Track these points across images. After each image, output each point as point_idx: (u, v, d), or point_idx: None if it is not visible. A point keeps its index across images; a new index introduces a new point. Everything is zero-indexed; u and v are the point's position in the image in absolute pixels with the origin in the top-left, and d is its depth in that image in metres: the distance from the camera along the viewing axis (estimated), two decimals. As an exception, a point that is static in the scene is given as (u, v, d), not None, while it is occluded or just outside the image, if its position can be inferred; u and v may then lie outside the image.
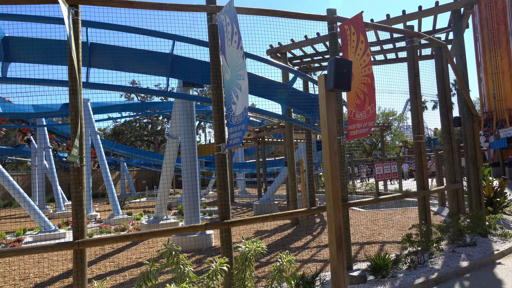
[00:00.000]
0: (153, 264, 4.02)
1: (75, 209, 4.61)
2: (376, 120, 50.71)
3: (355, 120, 5.84)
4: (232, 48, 4.95)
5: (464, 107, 8.96)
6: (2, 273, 7.65)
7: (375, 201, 7.01)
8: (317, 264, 6.97)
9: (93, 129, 17.10)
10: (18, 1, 4.84)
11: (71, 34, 4.47)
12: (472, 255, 6.75)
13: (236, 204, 20.74)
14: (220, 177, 5.26)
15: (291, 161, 11.85)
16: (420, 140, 7.38)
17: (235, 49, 4.87)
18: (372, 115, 5.56)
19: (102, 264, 8.05)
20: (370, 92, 5.54)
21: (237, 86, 4.93)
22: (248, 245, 4.38)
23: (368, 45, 5.60)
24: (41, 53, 7.37)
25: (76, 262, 4.53)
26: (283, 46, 10.98)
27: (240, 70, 4.83)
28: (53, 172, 19.62)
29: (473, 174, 8.74)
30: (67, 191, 31.79)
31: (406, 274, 5.85)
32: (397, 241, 8.35)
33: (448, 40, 10.59)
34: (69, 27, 4.46)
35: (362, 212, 13.77)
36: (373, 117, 5.54)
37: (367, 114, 5.63)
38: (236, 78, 4.94)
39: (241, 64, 4.82)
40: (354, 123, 5.87)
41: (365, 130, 5.64)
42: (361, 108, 5.73)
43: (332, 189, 4.20)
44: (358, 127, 5.81)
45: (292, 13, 6.04)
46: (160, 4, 5.26)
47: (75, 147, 4.45)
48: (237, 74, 4.90)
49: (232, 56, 4.98)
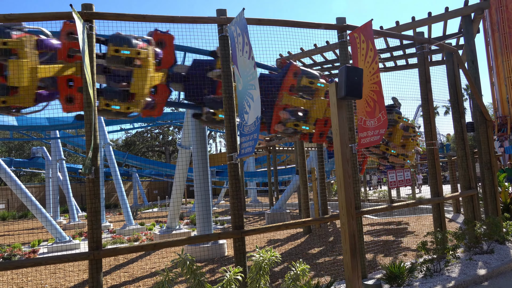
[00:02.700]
0: (168, 274, 4.04)
1: (90, 219, 4.66)
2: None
3: (366, 128, 5.82)
4: (243, 58, 5.01)
5: (477, 112, 8.87)
6: (18, 284, 7.75)
7: (388, 209, 6.94)
8: (331, 273, 6.91)
9: (105, 140, 17.32)
10: (34, 18, 4.98)
11: (85, 48, 4.58)
12: (490, 263, 6.62)
13: (248, 213, 20.70)
14: (232, 186, 5.28)
15: (302, 169, 11.82)
16: (433, 147, 7.31)
17: (247, 59, 4.93)
18: (383, 122, 5.54)
19: (116, 275, 8.09)
20: (380, 100, 5.53)
21: (249, 96, 4.98)
22: (262, 254, 4.37)
23: (376, 52, 5.62)
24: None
25: (91, 273, 4.58)
26: (293, 55, 11.03)
27: (252, 80, 4.88)
28: (66, 184, 19.90)
29: (488, 180, 8.61)
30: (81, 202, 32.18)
31: (422, 283, 5.76)
32: (412, 249, 8.23)
33: (459, 45, 10.53)
34: (83, 41, 4.56)
35: (375, 219, 13.62)
36: (384, 124, 5.52)
37: (378, 122, 5.61)
38: (249, 88, 4.99)
39: (252, 74, 4.87)
40: (365, 130, 5.85)
41: (377, 137, 5.61)
42: (371, 116, 5.72)
43: (345, 197, 4.19)
44: (369, 135, 5.78)
45: (303, 23, 6.09)
46: (172, 17, 5.37)
47: (90, 158, 4.53)
48: (249, 84, 4.96)
49: (244, 66, 5.04)
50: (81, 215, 23.10)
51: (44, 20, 5.08)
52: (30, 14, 4.88)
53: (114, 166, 16.58)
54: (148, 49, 5.77)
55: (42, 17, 4.94)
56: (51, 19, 4.98)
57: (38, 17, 4.95)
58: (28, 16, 4.89)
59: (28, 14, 4.87)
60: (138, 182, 34.29)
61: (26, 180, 42.91)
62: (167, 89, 6.35)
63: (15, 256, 10.53)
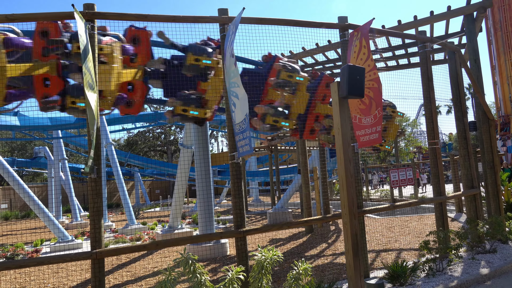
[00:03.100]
0: (170, 273, 4.04)
1: (92, 219, 4.67)
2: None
3: (363, 126, 5.82)
4: (228, 56, 4.98)
5: (479, 111, 8.84)
6: (21, 283, 7.77)
7: (391, 208, 6.93)
8: (333, 272, 6.90)
9: (107, 140, 17.35)
10: (35, 18, 4.99)
11: (88, 48, 4.58)
12: (493, 262, 6.60)
13: (250, 213, 20.70)
14: (234, 185, 5.28)
15: (304, 169, 11.81)
16: (436, 146, 7.30)
17: (230, 57, 4.90)
18: (379, 119, 5.56)
19: (118, 274, 8.11)
20: (377, 96, 5.53)
21: (233, 94, 4.94)
22: (264, 253, 4.37)
23: (370, 50, 5.60)
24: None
25: (94, 272, 4.59)
26: (294, 54, 11.01)
27: (234, 78, 4.83)
28: (69, 183, 19.93)
29: (490, 179, 8.59)
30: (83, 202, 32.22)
31: (425, 282, 5.75)
32: (414, 248, 8.22)
33: (461, 44, 10.49)
34: (86, 41, 4.57)
35: (377, 219, 13.60)
36: (380, 121, 5.54)
37: (374, 119, 5.62)
38: (231, 86, 4.95)
39: (233, 72, 4.82)
40: (361, 128, 5.85)
41: (376, 135, 5.61)
42: (366, 113, 5.71)
43: (347, 196, 4.18)
44: (367, 133, 5.79)
45: (305, 22, 6.08)
46: (173, 17, 5.37)
47: (91, 158, 4.53)
48: (231, 82, 4.92)
49: (228, 64, 5.00)
50: (83, 214, 23.14)
51: (46, 19, 5.09)
52: (32, 14, 4.89)
53: (116, 166, 16.59)
54: (113, 45, 5.63)
55: (44, 17, 4.95)
56: (54, 19, 4.99)
57: (40, 17, 4.96)
58: (30, 16, 4.89)
59: (30, 14, 4.87)
60: (140, 181, 34.32)
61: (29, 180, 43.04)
62: (144, 86, 6.25)
63: (18, 255, 10.56)
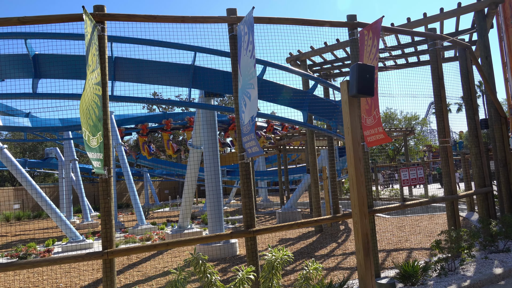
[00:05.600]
0: (181, 273, 4.06)
1: (103, 219, 4.71)
2: (399, 124, 49.11)
3: (368, 126, 5.82)
4: (246, 57, 4.99)
5: (491, 108, 8.72)
6: (34, 283, 7.87)
7: (401, 207, 6.87)
8: (344, 272, 6.87)
9: (117, 141, 17.47)
10: (47, 20, 5.04)
11: (89, 49, 4.62)
12: (507, 262, 6.51)
13: (259, 213, 20.70)
14: (244, 185, 5.28)
15: (313, 168, 11.77)
16: (446, 144, 7.22)
17: (249, 58, 4.90)
18: (378, 120, 5.55)
19: (129, 274, 8.17)
20: (375, 97, 5.52)
21: (246, 95, 4.96)
22: (275, 253, 4.36)
23: (378, 49, 5.59)
24: (69, 69, 7.63)
25: (105, 272, 4.62)
26: (303, 54, 10.99)
27: (251, 79, 4.85)
28: (79, 184, 20.13)
29: (503, 177, 8.47)
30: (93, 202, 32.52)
31: (437, 282, 5.69)
32: (426, 248, 8.14)
33: (472, 41, 10.37)
34: (89, 42, 4.60)
35: (387, 218, 13.50)
36: (379, 122, 5.53)
37: (374, 120, 5.62)
38: (247, 87, 4.96)
39: (252, 73, 4.84)
40: (367, 128, 5.85)
41: (381, 135, 5.59)
42: (369, 114, 5.73)
43: (357, 195, 4.15)
44: (372, 133, 5.79)
45: (313, 21, 6.05)
46: (182, 17, 5.38)
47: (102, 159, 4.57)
48: (248, 83, 4.93)
49: (245, 65, 5.01)
50: (94, 214, 23.35)
51: (58, 22, 5.13)
52: (45, 17, 4.93)
53: (126, 166, 16.70)
54: None
55: (56, 19, 4.99)
56: (65, 20, 5.03)
57: (53, 19, 5.00)
58: (42, 18, 4.94)
59: (42, 16, 4.92)
60: (150, 182, 34.53)
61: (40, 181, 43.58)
62: None
63: (30, 255, 10.70)
